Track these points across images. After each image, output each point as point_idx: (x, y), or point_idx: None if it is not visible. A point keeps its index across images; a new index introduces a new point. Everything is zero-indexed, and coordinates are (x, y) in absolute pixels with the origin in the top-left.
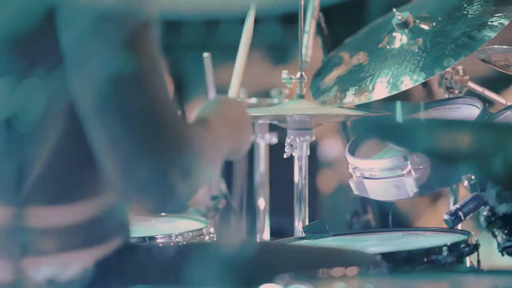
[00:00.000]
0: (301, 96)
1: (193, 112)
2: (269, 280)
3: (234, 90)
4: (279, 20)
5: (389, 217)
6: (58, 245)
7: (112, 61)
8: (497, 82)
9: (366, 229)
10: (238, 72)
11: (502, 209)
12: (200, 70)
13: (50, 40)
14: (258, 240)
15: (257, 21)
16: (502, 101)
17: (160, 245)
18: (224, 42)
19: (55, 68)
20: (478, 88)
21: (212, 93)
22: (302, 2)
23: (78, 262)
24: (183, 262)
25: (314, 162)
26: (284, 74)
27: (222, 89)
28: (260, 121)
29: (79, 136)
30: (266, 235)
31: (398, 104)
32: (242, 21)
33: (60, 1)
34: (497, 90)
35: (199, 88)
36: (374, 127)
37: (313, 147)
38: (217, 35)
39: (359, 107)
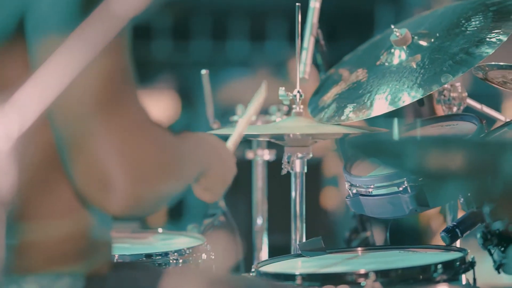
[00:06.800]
0: (299, 114)
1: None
2: None
3: (232, 141)
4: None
5: (386, 234)
6: (40, 260)
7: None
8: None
9: (365, 246)
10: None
11: (498, 226)
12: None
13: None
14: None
15: (260, 37)
16: (501, 117)
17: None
18: (231, 59)
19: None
20: (477, 105)
21: (210, 110)
22: (300, 19)
23: (61, 279)
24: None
25: (315, 179)
26: (281, 91)
27: (223, 106)
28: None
29: (54, 150)
30: (264, 253)
31: (395, 122)
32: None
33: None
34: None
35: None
36: (363, 146)
37: (315, 163)
38: (225, 52)
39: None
